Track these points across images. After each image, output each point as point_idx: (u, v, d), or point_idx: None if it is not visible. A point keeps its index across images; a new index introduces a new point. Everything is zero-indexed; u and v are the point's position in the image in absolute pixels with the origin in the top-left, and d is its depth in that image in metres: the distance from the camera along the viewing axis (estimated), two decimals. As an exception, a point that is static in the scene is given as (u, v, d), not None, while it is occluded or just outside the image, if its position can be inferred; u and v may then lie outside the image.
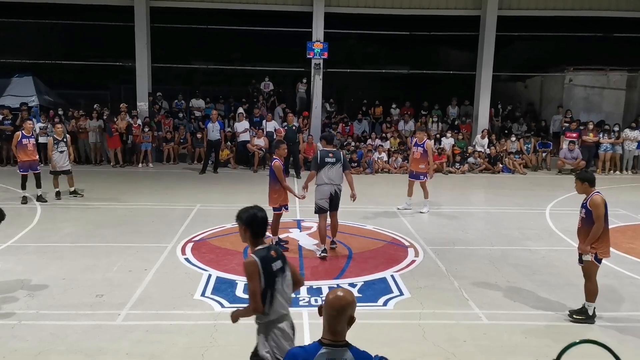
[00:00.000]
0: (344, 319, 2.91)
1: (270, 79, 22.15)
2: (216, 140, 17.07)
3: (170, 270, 7.97)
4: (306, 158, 17.93)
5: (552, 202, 13.26)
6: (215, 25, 21.58)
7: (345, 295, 2.94)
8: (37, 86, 21.54)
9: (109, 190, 13.78)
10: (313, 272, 7.95)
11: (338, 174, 8.63)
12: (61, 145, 12.51)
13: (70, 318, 6.28)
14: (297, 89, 21.78)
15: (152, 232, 9.94)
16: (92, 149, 18.17)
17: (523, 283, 7.75)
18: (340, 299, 2.91)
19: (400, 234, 10.16)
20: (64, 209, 11.72)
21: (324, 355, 2.85)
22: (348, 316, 2.91)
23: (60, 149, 12.48)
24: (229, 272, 7.83)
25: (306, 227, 10.45)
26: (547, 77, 23.13)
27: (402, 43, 23.88)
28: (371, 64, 24.58)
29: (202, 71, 25.32)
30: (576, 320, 6.41)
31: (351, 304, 2.93)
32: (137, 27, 19.37)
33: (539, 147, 19.55)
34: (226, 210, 11.76)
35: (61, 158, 12.49)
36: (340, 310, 2.89)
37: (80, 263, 8.18)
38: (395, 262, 8.52)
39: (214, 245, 9.21)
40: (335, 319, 2.89)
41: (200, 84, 24.65)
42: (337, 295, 2.93)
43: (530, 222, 11.30)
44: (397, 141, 19.28)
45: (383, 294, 7.17)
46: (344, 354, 2.86)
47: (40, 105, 20.24)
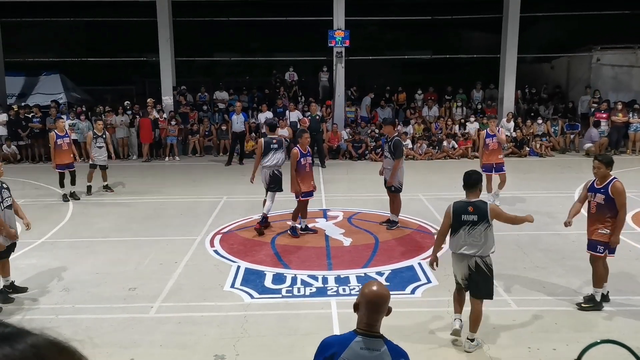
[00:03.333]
0: (382, 313, 2.96)
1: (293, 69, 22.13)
2: (241, 131, 17.16)
3: (200, 262, 8.09)
4: (330, 147, 17.94)
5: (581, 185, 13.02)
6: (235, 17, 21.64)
7: (382, 291, 2.98)
8: (65, 83, 21.93)
9: (137, 185, 14.00)
10: (340, 262, 7.99)
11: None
12: (100, 141, 12.79)
13: (104, 311, 6.44)
14: (319, 77, 21.73)
15: (181, 225, 10.09)
16: (120, 144, 18.44)
17: (553, 268, 7.67)
18: (377, 294, 2.95)
19: (427, 220, 10.13)
20: (95, 204, 11.95)
21: (359, 343, 2.88)
22: (386, 309, 2.97)
23: (98, 144, 12.75)
24: (258, 263, 7.91)
25: (332, 217, 10.48)
26: (574, 57, 22.64)
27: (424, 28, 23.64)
28: (393, 50, 24.38)
29: (224, 63, 25.44)
30: (584, 309, 6.30)
31: (388, 299, 2.98)
32: (160, 22, 19.53)
33: (567, 129, 19.22)
34: (252, 202, 11.86)
35: (100, 153, 12.77)
36: (378, 306, 2.93)
37: (112, 257, 8.36)
38: (422, 249, 8.51)
39: (242, 236, 9.30)
40: (373, 314, 2.93)
41: (223, 76, 24.77)
42: (373, 291, 2.96)
43: (559, 206, 11.12)
44: (421, 127, 19.13)
45: (411, 282, 7.18)
46: (379, 344, 2.88)
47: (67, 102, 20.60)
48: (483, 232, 5.33)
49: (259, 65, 24.98)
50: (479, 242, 5.34)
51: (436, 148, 18.15)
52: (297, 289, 7.03)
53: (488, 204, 5.43)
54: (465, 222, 5.37)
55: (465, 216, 5.34)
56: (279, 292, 6.92)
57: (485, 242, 5.34)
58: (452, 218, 5.38)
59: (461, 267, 5.48)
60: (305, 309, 6.44)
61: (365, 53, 22.22)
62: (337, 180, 14.47)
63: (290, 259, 8.14)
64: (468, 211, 5.34)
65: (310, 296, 6.81)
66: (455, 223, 5.42)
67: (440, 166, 16.72)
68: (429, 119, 20.19)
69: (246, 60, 24.79)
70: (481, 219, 5.34)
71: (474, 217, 5.36)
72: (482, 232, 5.33)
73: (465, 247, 5.38)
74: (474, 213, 5.33)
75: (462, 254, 5.40)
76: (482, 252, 5.35)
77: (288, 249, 8.59)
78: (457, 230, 5.42)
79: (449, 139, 18.33)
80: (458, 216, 5.42)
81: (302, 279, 7.31)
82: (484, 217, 5.34)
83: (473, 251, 5.34)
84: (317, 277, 7.39)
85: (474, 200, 5.46)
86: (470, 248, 5.36)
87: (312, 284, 7.16)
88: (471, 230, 5.36)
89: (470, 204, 5.39)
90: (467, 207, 5.36)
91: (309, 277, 7.38)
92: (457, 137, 18.56)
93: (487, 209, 5.29)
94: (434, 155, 17.86)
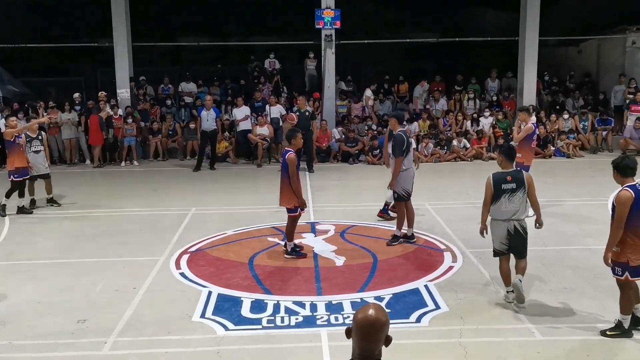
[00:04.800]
0: (378, 341, 2.91)
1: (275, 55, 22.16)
2: (212, 130, 17.12)
3: (164, 287, 8.04)
4: (319, 148, 17.97)
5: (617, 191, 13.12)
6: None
7: (378, 315, 2.92)
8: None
9: (88, 195, 13.89)
10: (332, 285, 7.97)
11: None
12: (36, 144, 12.44)
13: (48, 349, 6.37)
14: (305, 65, 21.77)
15: (141, 243, 10.02)
16: (67, 146, 18.33)
17: (584, 289, 7.70)
18: (372, 319, 2.90)
19: (434, 235, 10.15)
20: (37, 220, 11.85)
21: None
22: (382, 338, 2.92)
23: (34, 148, 12.42)
24: (233, 288, 7.87)
25: (322, 231, 10.47)
26: (605, 40, 22.85)
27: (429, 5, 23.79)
28: (393, 32, 24.47)
29: (191, 49, 25.40)
30: (610, 336, 6.33)
31: (385, 325, 2.93)
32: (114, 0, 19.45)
33: (598, 125, 19.38)
34: (226, 214, 11.84)
35: (37, 159, 12.42)
36: (370, 334, 2.89)
37: (58, 283, 8.28)
38: (429, 269, 8.51)
39: (214, 256, 9.26)
40: (366, 343, 2.90)
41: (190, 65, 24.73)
42: (367, 316, 2.91)
43: (591, 216, 11.20)
44: (427, 123, 19.22)
45: (416, 308, 7.17)
46: None
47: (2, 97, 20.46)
48: (522, 198, 7.09)
49: (234, 51, 24.98)
50: (518, 208, 7.09)
51: (445, 148, 18.23)
52: (281, 318, 6.99)
53: (523, 173, 7.28)
54: (505, 190, 7.08)
55: (505, 185, 7.09)
56: (259, 323, 6.88)
57: (522, 207, 7.13)
58: (493, 187, 7.09)
59: (500, 232, 7.17)
60: (291, 342, 6.41)
61: (360, 36, 22.30)
62: (327, 187, 14.48)
63: (272, 282, 8.11)
64: (507, 180, 7.12)
65: (297, 327, 6.78)
66: (497, 192, 7.09)
67: (450, 169, 16.78)
68: (435, 113, 20.27)
69: (218, 46, 24.74)
70: (519, 186, 7.09)
71: (512, 185, 7.09)
72: (520, 198, 7.09)
73: (508, 212, 7.07)
74: (512, 182, 7.11)
75: (503, 220, 7.10)
76: (518, 216, 7.12)
77: (269, 271, 8.56)
78: (498, 198, 7.10)
79: (460, 138, 18.42)
80: (498, 186, 7.10)
81: (287, 307, 7.27)
82: (521, 184, 7.10)
83: (513, 216, 7.09)
84: (304, 303, 7.36)
85: (510, 171, 7.23)
86: (511, 213, 7.08)
87: (299, 312, 7.12)
88: (511, 197, 7.08)
89: (507, 174, 7.18)
90: (505, 177, 7.14)
91: (294, 304, 7.34)
92: (470, 135, 18.65)
93: (524, 177, 7.17)
94: (442, 157, 17.94)
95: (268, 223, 10.88)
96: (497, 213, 7.14)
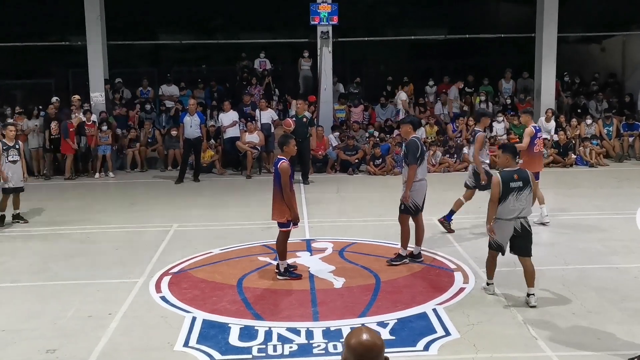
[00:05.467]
0: None
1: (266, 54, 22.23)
2: (196, 138, 17.11)
3: (143, 313, 8.01)
4: (315, 157, 17.98)
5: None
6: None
7: (372, 339, 2.96)
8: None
9: (58, 211, 13.87)
10: (329, 309, 7.95)
11: None
12: (12, 153, 12.43)
13: (13, 382, 6.34)
14: (299, 66, 21.85)
15: (117, 264, 9.98)
16: (34, 156, 18.31)
17: (610, 313, 7.70)
18: (366, 345, 2.93)
19: (443, 253, 10.15)
20: (0, 238, 11.80)
21: None
22: None
23: (11, 157, 12.43)
24: (220, 313, 7.85)
25: (318, 249, 10.46)
26: (631, 37, 23.00)
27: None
28: (396, 28, 24.59)
29: (172, 48, 25.46)
30: None
31: (381, 350, 2.96)
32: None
33: (624, 130, 19.47)
34: (212, 231, 11.82)
35: (14, 170, 12.39)
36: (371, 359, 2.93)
37: (24, 308, 8.23)
38: (438, 291, 8.50)
39: (198, 277, 9.23)
40: None
41: (172, 65, 24.78)
42: (361, 341, 2.94)
43: (617, 231, 11.22)
44: (435, 129, 19.28)
45: (423, 335, 7.15)
46: None
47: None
48: (528, 196, 7.88)
49: (220, 50, 25.02)
50: (524, 206, 7.86)
51: (454, 156, 18.28)
52: (273, 346, 6.97)
53: (527, 171, 8.15)
54: (513, 189, 7.80)
55: (512, 183, 7.81)
56: (249, 352, 6.86)
57: (528, 205, 7.94)
58: (502, 186, 7.78)
59: (507, 231, 7.90)
60: (284, 374, 6.39)
61: (360, 33, 22.40)
62: (324, 200, 14.48)
63: (263, 306, 8.09)
64: (514, 179, 7.85)
65: (291, 356, 6.76)
66: (505, 190, 7.79)
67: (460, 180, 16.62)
68: (444, 118, 20.34)
69: (202, 44, 24.83)
70: (525, 185, 7.85)
71: (519, 183, 7.83)
72: (527, 196, 7.87)
73: (515, 211, 7.79)
74: (519, 180, 7.84)
75: (511, 218, 7.81)
76: (525, 213, 7.89)
77: (260, 294, 8.55)
78: (506, 197, 7.81)
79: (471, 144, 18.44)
80: (506, 184, 7.80)
81: (280, 334, 7.25)
82: (527, 182, 7.87)
83: (520, 213, 7.83)
84: (299, 330, 7.34)
85: (516, 169, 8.04)
86: (518, 211, 7.81)
87: (293, 340, 7.10)
88: (518, 195, 7.81)
89: (514, 172, 7.94)
90: (512, 175, 7.89)
91: (288, 331, 7.32)
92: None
93: (529, 175, 7.99)
94: (451, 166, 17.99)
95: (259, 241, 10.87)
96: (505, 212, 7.83)
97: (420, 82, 21.94)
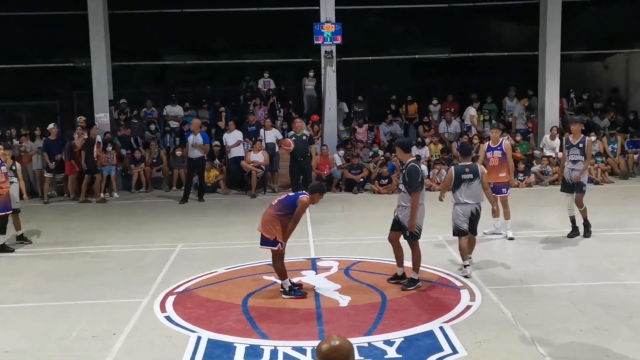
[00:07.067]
0: None
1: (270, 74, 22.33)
2: (198, 158, 17.13)
3: (147, 332, 7.99)
4: (320, 176, 17.97)
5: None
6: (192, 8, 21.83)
7: (342, 344, 3.24)
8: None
9: (62, 231, 13.91)
10: (335, 328, 7.91)
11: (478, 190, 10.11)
12: (10, 175, 12.45)
13: (18, 402, 6.31)
14: (303, 85, 21.93)
15: (122, 284, 9.98)
16: (38, 177, 18.36)
17: (618, 330, 7.65)
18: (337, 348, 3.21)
19: (449, 270, 10.13)
20: (4, 260, 11.81)
21: None
22: None
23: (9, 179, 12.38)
24: (225, 333, 7.82)
25: (324, 268, 10.45)
26: (634, 54, 23.07)
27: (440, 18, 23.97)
28: (400, 47, 24.69)
29: (177, 68, 25.59)
30: None
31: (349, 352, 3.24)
32: (92, 15, 19.67)
33: (628, 147, 19.47)
34: (217, 250, 11.81)
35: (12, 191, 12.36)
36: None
37: (28, 329, 8.22)
38: (445, 309, 8.46)
39: (203, 297, 9.22)
40: None
41: (176, 86, 24.90)
42: (331, 346, 3.22)
43: (624, 248, 11.18)
44: (439, 147, 19.30)
45: (430, 353, 7.11)
46: None
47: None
48: (478, 186, 9.78)
49: (224, 70, 25.17)
50: (475, 193, 9.76)
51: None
52: (279, 366, 6.94)
53: (478, 166, 10.21)
54: (464, 180, 9.69)
55: (464, 175, 9.70)
56: (254, 371, 6.82)
57: (480, 192, 9.85)
58: (454, 177, 9.71)
59: (467, 212, 9.76)
60: (290, 393, 6.35)
61: (363, 52, 22.49)
62: (329, 219, 14.47)
63: (268, 325, 8.06)
64: (465, 172, 9.73)
65: (296, 375, 6.73)
66: (457, 181, 9.70)
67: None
68: (448, 136, 20.36)
69: (206, 64, 24.96)
70: (475, 176, 9.73)
71: (470, 175, 9.71)
72: (477, 186, 9.77)
73: (467, 198, 9.72)
74: (470, 172, 9.73)
75: (466, 203, 9.73)
76: (478, 200, 9.82)
77: (265, 313, 8.52)
78: (459, 186, 9.71)
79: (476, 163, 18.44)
80: (459, 176, 9.72)
81: (285, 353, 7.22)
82: (476, 174, 9.77)
83: (473, 200, 9.75)
84: (304, 349, 7.30)
85: (469, 164, 9.96)
86: (470, 198, 9.73)
87: (299, 359, 7.07)
88: (469, 185, 9.70)
89: (466, 166, 9.83)
90: (464, 169, 9.78)
91: (294, 350, 7.29)
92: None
93: (478, 169, 9.95)
94: None
95: (263, 260, 10.82)
96: (464, 197, 9.69)
97: (424, 100, 21.99)
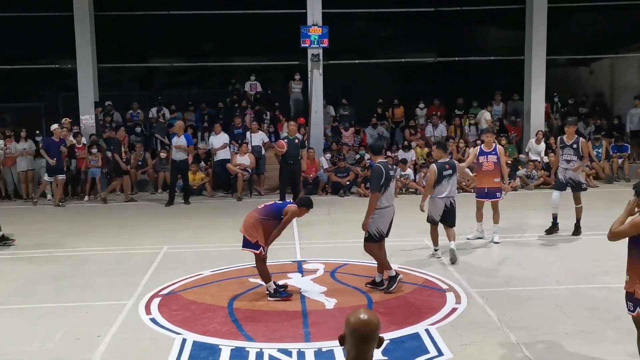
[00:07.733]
0: (371, 343, 3.32)
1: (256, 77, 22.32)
2: (182, 160, 17.03)
3: (132, 335, 7.94)
4: (305, 179, 17.97)
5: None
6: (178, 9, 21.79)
7: (371, 317, 3.36)
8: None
9: (46, 233, 13.80)
10: (321, 330, 7.90)
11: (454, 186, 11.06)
12: None
13: (0, 405, 6.26)
14: (290, 88, 21.95)
15: (106, 286, 9.92)
16: (23, 179, 18.25)
17: (603, 332, 7.69)
18: (367, 321, 3.32)
19: (435, 273, 10.13)
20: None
21: None
22: (377, 339, 3.34)
23: None
24: (210, 335, 7.79)
25: (310, 270, 10.44)
26: (619, 59, 23.23)
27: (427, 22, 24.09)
28: (387, 51, 24.77)
29: (163, 71, 25.54)
30: None
31: (379, 326, 3.37)
32: (77, 17, 19.62)
33: (613, 152, 19.60)
34: (202, 253, 11.78)
35: None
36: (369, 334, 3.31)
37: (11, 331, 8.16)
38: (431, 311, 8.47)
39: (189, 299, 9.18)
40: (362, 345, 3.31)
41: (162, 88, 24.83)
42: (361, 319, 3.33)
43: (608, 251, 11.22)
44: (425, 151, 19.36)
45: (416, 355, 7.12)
46: None
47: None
48: (454, 180, 10.79)
49: (210, 73, 25.14)
50: (452, 188, 10.69)
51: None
52: (264, 368, 6.91)
53: (455, 162, 11.25)
54: (445, 175, 10.55)
55: (445, 171, 10.55)
56: (240, 373, 6.80)
57: (454, 187, 10.82)
58: (437, 174, 10.49)
59: (439, 207, 10.63)
60: (275, 395, 6.34)
61: (350, 56, 22.53)
62: (315, 222, 14.44)
63: (254, 327, 8.04)
64: (445, 168, 10.60)
65: (282, 378, 6.71)
66: (439, 177, 10.52)
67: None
68: (434, 140, 20.41)
69: (193, 67, 24.92)
70: (454, 172, 10.70)
71: (450, 171, 10.61)
72: (454, 181, 10.78)
73: (446, 192, 10.57)
74: (450, 169, 10.64)
75: (444, 197, 10.54)
76: (452, 193, 10.70)
77: (251, 315, 8.49)
78: (440, 181, 10.55)
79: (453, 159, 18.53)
80: (440, 172, 10.53)
81: (271, 355, 7.20)
82: (455, 170, 10.76)
83: (450, 194, 10.63)
84: (290, 351, 7.29)
85: (447, 160, 10.83)
86: (449, 192, 10.61)
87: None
88: (449, 180, 10.60)
89: (446, 163, 10.70)
90: (445, 165, 10.64)
91: (279, 352, 7.27)
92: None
93: (456, 164, 10.95)
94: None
95: (249, 262, 10.79)
96: (440, 192, 10.54)
97: (410, 104, 22.06)
